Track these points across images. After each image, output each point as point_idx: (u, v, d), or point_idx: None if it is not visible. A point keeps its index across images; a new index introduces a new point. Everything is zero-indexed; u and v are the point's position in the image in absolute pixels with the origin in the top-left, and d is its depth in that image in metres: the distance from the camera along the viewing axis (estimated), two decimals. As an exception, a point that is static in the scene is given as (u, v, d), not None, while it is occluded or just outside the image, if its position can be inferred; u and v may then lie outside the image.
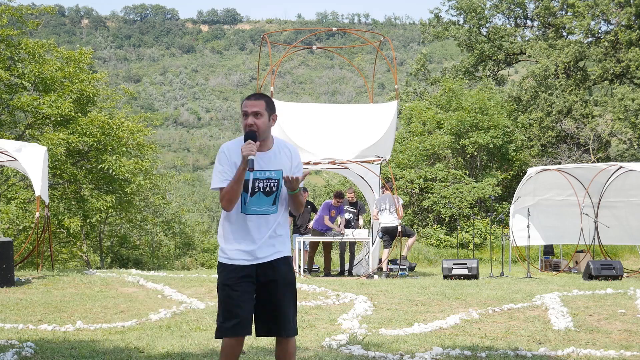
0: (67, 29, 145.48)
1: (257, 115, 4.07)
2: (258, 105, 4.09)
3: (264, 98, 4.15)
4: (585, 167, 15.94)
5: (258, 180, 4.08)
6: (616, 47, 27.85)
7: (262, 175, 4.09)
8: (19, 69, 18.42)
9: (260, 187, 4.09)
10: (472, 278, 12.68)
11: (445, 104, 28.01)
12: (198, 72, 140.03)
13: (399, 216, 13.62)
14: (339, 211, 14.01)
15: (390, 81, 67.12)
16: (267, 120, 4.11)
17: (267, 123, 4.10)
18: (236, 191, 4.01)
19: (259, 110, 4.08)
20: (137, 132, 19.63)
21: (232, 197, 4.02)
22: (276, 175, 4.10)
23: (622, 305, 8.54)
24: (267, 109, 4.11)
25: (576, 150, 26.65)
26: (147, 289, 10.29)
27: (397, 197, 13.82)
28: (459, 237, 21.94)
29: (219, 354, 4.20)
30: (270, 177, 4.09)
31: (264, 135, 4.11)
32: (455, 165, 26.65)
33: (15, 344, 6.10)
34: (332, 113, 14.78)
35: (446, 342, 6.33)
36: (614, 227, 15.28)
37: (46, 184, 12.50)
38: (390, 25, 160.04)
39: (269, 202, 4.12)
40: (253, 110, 4.08)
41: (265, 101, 4.13)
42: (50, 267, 13.66)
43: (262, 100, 4.12)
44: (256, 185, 4.09)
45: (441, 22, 32.14)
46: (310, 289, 10.18)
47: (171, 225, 24.47)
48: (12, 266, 10.44)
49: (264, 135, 4.11)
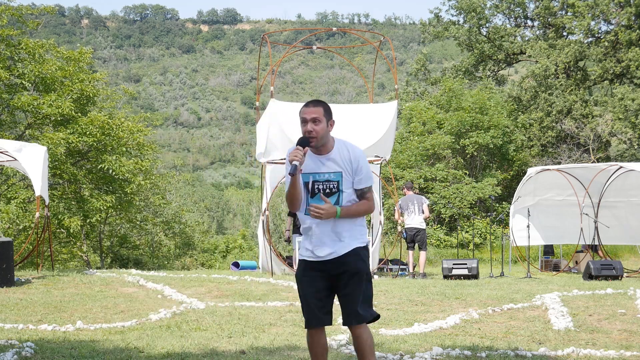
0: (67, 29, 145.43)
1: (315, 121, 4.21)
2: (316, 112, 4.22)
3: (322, 105, 4.29)
4: (585, 167, 15.94)
5: (317, 183, 4.26)
6: (616, 47, 27.85)
7: (321, 178, 4.25)
8: (19, 68, 18.41)
9: (320, 189, 4.25)
10: (472, 278, 12.68)
11: (445, 104, 28.01)
12: (198, 72, 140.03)
13: (427, 217, 13.73)
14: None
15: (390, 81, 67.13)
16: (326, 126, 4.24)
17: (325, 129, 4.23)
18: (292, 194, 4.21)
19: (318, 116, 4.21)
20: (137, 132, 19.62)
21: (290, 199, 4.25)
22: (335, 177, 4.24)
23: (622, 305, 8.54)
24: (325, 115, 4.25)
25: (576, 150, 26.65)
26: (147, 289, 10.29)
27: (423, 197, 13.89)
28: (459, 237, 21.94)
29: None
30: (329, 179, 4.25)
31: (323, 141, 4.24)
32: (455, 165, 26.65)
33: (15, 344, 6.10)
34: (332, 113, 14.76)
35: (446, 342, 6.33)
36: (614, 227, 15.28)
37: (46, 184, 12.49)
38: (390, 25, 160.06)
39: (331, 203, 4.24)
40: (312, 117, 4.21)
41: (323, 107, 4.27)
42: (50, 267, 13.66)
43: (320, 107, 4.25)
44: (316, 187, 4.26)
45: (441, 22, 32.13)
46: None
47: (171, 225, 24.46)
48: (12, 266, 10.43)
49: (323, 141, 4.24)
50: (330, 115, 4.29)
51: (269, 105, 13.85)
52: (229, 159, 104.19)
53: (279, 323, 7.44)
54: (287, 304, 8.77)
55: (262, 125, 13.87)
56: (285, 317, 7.83)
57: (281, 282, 11.22)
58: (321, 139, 4.22)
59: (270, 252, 13.27)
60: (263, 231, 13.70)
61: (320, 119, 4.20)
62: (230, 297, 9.48)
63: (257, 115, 14.84)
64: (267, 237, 13.38)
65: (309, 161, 4.26)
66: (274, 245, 14.15)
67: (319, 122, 4.20)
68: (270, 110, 13.73)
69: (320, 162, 4.25)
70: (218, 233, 39.63)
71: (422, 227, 13.57)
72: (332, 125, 4.28)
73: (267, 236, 13.40)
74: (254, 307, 8.54)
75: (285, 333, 6.88)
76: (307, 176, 4.25)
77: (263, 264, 13.95)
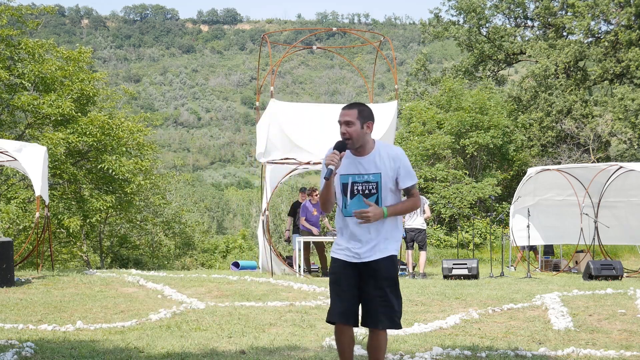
0: (67, 29, 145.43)
1: (348, 124, 4.29)
2: (350, 115, 4.30)
3: (357, 107, 4.36)
4: (585, 167, 15.94)
5: (357, 184, 4.33)
6: (616, 47, 27.85)
7: (360, 179, 4.32)
8: (19, 68, 18.40)
9: (359, 190, 4.32)
10: (472, 278, 12.68)
11: (445, 104, 28.00)
12: (198, 72, 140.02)
13: (427, 217, 13.74)
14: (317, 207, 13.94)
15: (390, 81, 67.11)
16: (360, 128, 4.29)
17: (359, 131, 4.29)
18: (324, 196, 4.33)
19: (350, 119, 4.28)
20: (137, 132, 19.62)
21: (322, 201, 4.37)
22: (374, 179, 4.30)
23: (622, 305, 8.54)
24: (359, 117, 4.30)
25: (576, 150, 26.65)
26: (147, 289, 10.28)
27: (423, 197, 13.89)
28: (459, 237, 21.94)
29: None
30: (368, 180, 4.31)
31: (359, 142, 4.30)
32: (455, 165, 26.65)
33: (15, 344, 6.10)
34: (332, 113, 14.73)
35: (446, 342, 6.33)
36: (614, 227, 15.28)
37: (46, 184, 12.49)
38: (390, 25, 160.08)
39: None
40: (345, 119, 4.31)
41: (358, 109, 4.33)
42: (50, 267, 13.66)
43: (354, 109, 4.32)
44: (355, 188, 4.33)
45: (441, 22, 32.13)
46: (310, 289, 10.19)
47: (171, 225, 24.45)
48: (12, 266, 10.43)
49: (359, 142, 4.30)
50: (367, 118, 4.33)
51: (269, 105, 13.85)
52: (229, 159, 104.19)
53: (279, 323, 7.44)
54: (287, 304, 8.77)
55: (262, 125, 13.87)
56: (285, 317, 7.83)
57: (281, 282, 11.22)
58: (356, 141, 4.29)
59: (270, 252, 13.27)
60: (263, 231, 13.69)
61: (354, 121, 4.27)
62: (230, 297, 9.48)
63: (257, 115, 14.84)
64: (267, 237, 13.38)
65: (348, 162, 4.34)
66: (274, 245, 14.14)
67: (352, 125, 4.27)
68: (270, 110, 13.73)
69: (359, 163, 4.32)
70: (218, 233, 39.65)
71: (423, 227, 13.59)
72: (370, 127, 4.33)
73: (267, 236, 13.40)
74: (254, 307, 8.54)
75: (285, 333, 6.88)
76: (346, 177, 4.33)
77: (263, 264, 13.95)
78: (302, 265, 13.64)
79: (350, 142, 4.27)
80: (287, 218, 15.13)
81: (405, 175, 4.32)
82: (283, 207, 34.35)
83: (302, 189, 14.82)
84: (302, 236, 13.72)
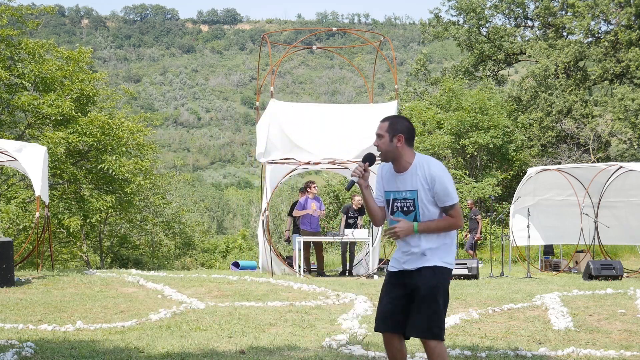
0: (67, 29, 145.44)
1: (379, 136, 4.30)
2: (381, 127, 4.30)
3: (389, 119, 4.34)
4: (585, 167, 15.94)
5: (396, 201, 4.34)
6: (616, 47, 27.85)
7: (399, 196, 4.33)
8: (19, 68, 18.40)
9: (399, 206, 4.33)
10: (472, 278, 12.68)
11: (445, 104, 28.01)
12: (198, 72, 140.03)
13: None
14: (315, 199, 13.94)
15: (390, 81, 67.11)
16: (389, 141, 4.26)
17: (388, 143, 4.27)
18: (368, 210, 4.41)
19: (381, 132, 4.29)
20: (137, 132, 19.62)
21: (369, 215, 4.45)
22: (411, 196, 4.28)
23: (622, 305, 8.54)
24: (389, 130, 4.27)
25: (576, 150, 26.65)
26: (147, 289, 10.28)
27: None
28: (459, 237, 21.94)
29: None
30: (405, 197, 4.30)
31: (389, 156, 4.29)
32: (455, 165, 26.65)
33: (15, 344, 6.10)
34: (332, 113, 14.77)
35: (446, 342, 6.32)
36: (614, 227, 15.28)
37: (46, 184, 12.49)
38: (390, 25, 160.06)
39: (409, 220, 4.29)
40: (377, 132, 4.32)
41: (390, 122, 4.31)
42: (50, 267, 13.66)
43: (386, 122, 4.32)
44: (395, 205, 4.35)
45: (441, 22, 32.12)
46: (310, 289, 10.18)
47: (171, 225, 24.44)
48: (12, 266, 10.43)
49: (389, 156, 4.29)
50: (398, 130, 4.27)
51: (269, 105, 13.86)
52: (229, 159, 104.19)
53: (279, 323, 7.44)
54: (287, 304, 8.77)
55: (262, 125, 13.87)
56: (285, 317, 7.83)
57: (281, 282, 11.21)
58: (385, 154, 4.28)
59: (270, 252, 13.27)
60: (263, 231, 13.69)
61: (383, 134, 4.26)
62: (230, 297, 9.48)
63: (257, 115, 14.83)
64: (267, 237, 13.38)
65: (389, 179, 4.35)
66: (274, 245, 14.14)
67: (382, 137, 4.27)
68: (270, 110, 13.73)
69: (398, 180, 4.31)
70: (218, 233, 39.65)
71: None
72: (401, 140, 4.25)
73: (267, 236, 13.40)
74: (254, 307, 8.54)
75: (285, 333, 6.88)
76: (388, 194, 4.36)
77: (263, 264, 13.95)
78: (302, 265, 13.63)
79: (380, 156, 4.29)
80: (287, 218, 15.12)
81: (442, 194, 4.23)
82: (283, 207, 34.36)
83: (302, 189, 14.82)
84: (302, 236, 13.72)
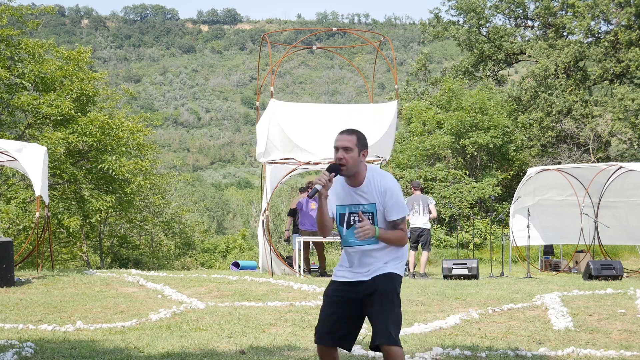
0: (67, 29, 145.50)
1: (347, 150, 4.16)
2: (349, 141, 4.18)
3: (356, 134, 4.24)
4: (585, 167, 15.94)
5: (353, 214, 4.23)
6: (616, 47, 27.85)
7: (356, 209, 4.22)
8: (19, 68, 18.40)
9: (356, 220, 4.21)
10: (472, 278, 12.68)
11: (445, 104, 28.00)
12: (198, 72, 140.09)
13: (433, 216, 13.70)
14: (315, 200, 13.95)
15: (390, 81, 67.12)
16: (357, 156, 4.18)
17: (356, 158, 4.18)
18: (318, 218, 4.24)
19: (350, 145, 4.17)
20: (137, 132, 19.63)
21: (318, 225, 4.28)
22: (370, 209, 4.20)
23: (622, 305, 8.54)
24: (357, 144, 4.19)
25: (576, 150, 26.64)
26: (147, 289, 10.28)
27: (429, 197, 13.87)
28: (459, 237, 21.93)
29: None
30: (365, 210, 4.20)
31: (353, 170, 4.19)
32: (455, 165, 26.65)
33: (15, 344, 6.10)
34: (332, 113, 14.76)
35: (446, 342, 6.33)
36: (614, 227, 15.27)
37: (46, 184, 12.49)
38: (390, 25, 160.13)
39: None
40: (343, 145, 4.16)
41: (357, 137, 4.22)
42: (50, 267, 13.66)
43: (353, 136, 4.21)
44: (351, 219, 4.23)
45: (441, 22, 32.11)
46: (311, 289, 10.18)
47: (171, 225, 24.45)
48: (12, 266, 10.43)
49: (353, 170, 4.19)
50: (365, 145, 4.23)
51: (269, 105, 13.85)
52: (229, 159, 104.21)
53: (279, 323, 7.44)
54: (287, 304, 8.77)
55: (262, 125, 13.87)
56: (285, 317, 7.83)
57: (281, 282, 11.22)
58: (352, 168, 4.17)
59: (270, 252, 13.27)
60: (263, 231, 13.69)
61: (352, 147, 4.16)
62: (230, 297, 9.48)
63: (257, 115, 14.84)
64: (267, 237, 13.38)
65: (344, 193, 4.25)
66: (274, 245, 14.14)
67: (350, 151, 4.16)
68: (270, 110, 13.73)
69: (355, 193, 4.21)
70: (218, 233, 39.66)
71: (426, 227, 13.54)
72: (365, 155, 4.22)
73: (267, 236, 13.40)
74: (254, 307, 8.54)
75: (285, 333, 6.88)
76: (343, 208, 4.25)
77: (263, 264, 13.95)
78: (302, 265, 13.64)
79: (345, 169, 4.16)
80: (287, 218, 15.13)
81: (394, 208, 4.17)
82: (283, 207, 34.39)
83: (302, 189, 14.83)
84: (302, 236, 13.72)
